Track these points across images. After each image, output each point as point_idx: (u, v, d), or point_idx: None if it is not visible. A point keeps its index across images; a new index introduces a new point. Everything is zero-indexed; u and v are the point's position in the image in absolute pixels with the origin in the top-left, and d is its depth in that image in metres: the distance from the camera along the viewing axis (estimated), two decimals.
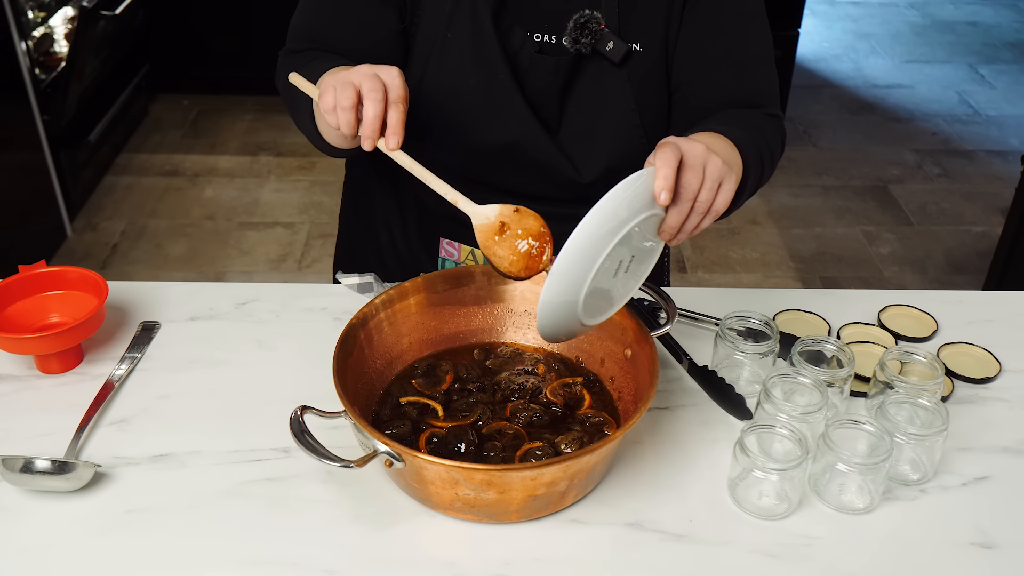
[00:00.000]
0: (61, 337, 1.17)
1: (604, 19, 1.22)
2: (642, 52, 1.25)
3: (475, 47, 1.24)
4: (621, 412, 1.12)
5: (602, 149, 1.29)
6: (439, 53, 1.25)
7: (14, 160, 3.01)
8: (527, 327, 1.23)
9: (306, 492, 1.05)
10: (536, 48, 1.24)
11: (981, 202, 3.73)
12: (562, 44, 1.24)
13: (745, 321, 1.22)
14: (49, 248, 3.20)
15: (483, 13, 1.22)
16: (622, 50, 1.23)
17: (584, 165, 1.29)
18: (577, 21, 1.21)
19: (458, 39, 1.24)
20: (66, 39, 3.28)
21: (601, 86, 1.26)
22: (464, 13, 1.23)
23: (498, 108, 1.25)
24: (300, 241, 3.34)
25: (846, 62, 5.01)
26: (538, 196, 1.31)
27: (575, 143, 1.29)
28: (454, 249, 1.39)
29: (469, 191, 1.29)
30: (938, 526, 1.03)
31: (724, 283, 3.22)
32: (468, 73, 1.25)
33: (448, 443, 1.06)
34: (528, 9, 1.24)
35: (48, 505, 1.02)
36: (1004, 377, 1.25)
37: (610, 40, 1.22)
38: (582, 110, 1.28)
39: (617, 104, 1.27)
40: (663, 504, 1.04)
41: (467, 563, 0.97)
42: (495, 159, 1.29)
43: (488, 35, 1.23)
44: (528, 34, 1.24)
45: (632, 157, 1.28)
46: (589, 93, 1.27)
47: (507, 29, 1.24)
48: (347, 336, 1.09)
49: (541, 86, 1.25)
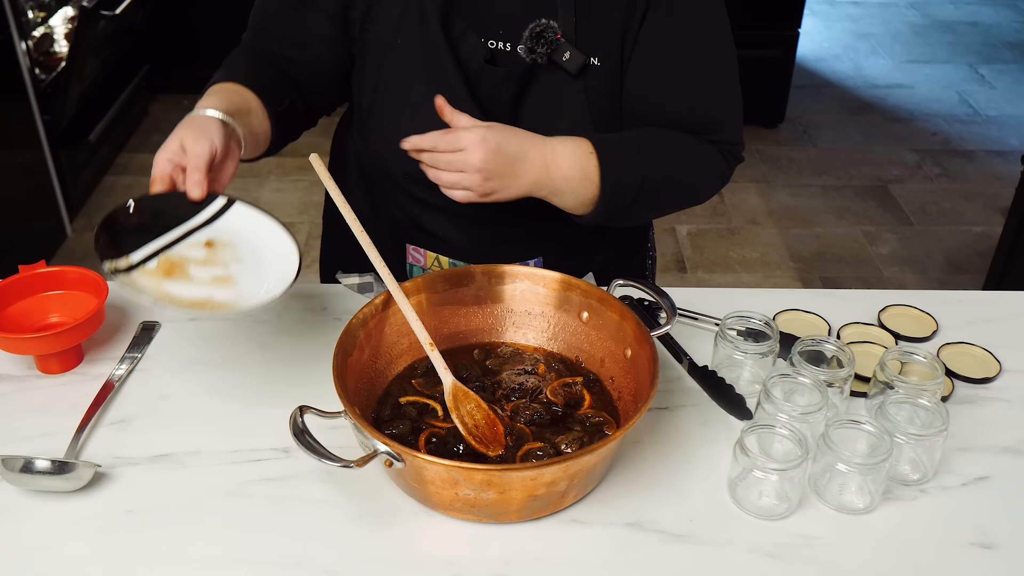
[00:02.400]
0: (61, 337, 1.17)
1: (561, 29, 1.20)
2: (599, 67, 1.23)
3: (425, 53, 1.22)
4: (621, 412, 1.12)
5: None
6: (391, 60, 1.24)
7: (14, 160, 3.01)
8: (527, 327, 1.23)
9: (306, 492, 1.05)
10: (488, 56, 1.22)
11: (981, 202, 3.73)
12: (517, 52, 1.22)
13: (745, 321, 1.22)
14: (49, 248, 3.20)
15: (431, 19, 1.20)
16: (579, 61, 1.20)
17: None
18: (533, 30, 1.19)
19: (408, 46, 1.23)
20: (66, 39, 3.28)
21: (555, 97, 1.24)
22: (413, 19, 1.22)
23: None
24: (300, 241, 3.33)
25: (846, 62, 5.01)
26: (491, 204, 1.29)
27: None
28: (420, 255, 1.37)
29: (429, 197, 1.28)
30: (938, 526, 1.03)
31: (724, 283, 3.22)
32: (418, 79, 1.24)
33: (448, 443, 1.06)
34: (480, 15, 1.22)
35: (48, 505, 1.02)
36: (1004, 377, 1.25)
37: (567, 50, 1.20)
38: (534, 120, 1.24)
39: (571, 116, 1.24)
40: (663, 504, 1.04)
41: (467, 563, 0.97)
42: None
43: (437, 41, 1.21)
44: (482, 40, 1.22)
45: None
46: (543, 103, 1.25)
47: (459, 35, 1.22)
48: (347, 336, 1.09)
49: (491, 95, 1.23)
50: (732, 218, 3.58)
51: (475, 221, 1.33)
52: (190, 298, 1.02)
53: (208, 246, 1.09)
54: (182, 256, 1.07)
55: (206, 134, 1.08)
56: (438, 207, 1.32)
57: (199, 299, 1.03)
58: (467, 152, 1.14)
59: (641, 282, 1.19)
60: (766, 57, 4.00)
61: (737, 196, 3.72)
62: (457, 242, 1.35)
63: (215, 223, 1.11)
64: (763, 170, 3.92)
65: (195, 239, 1.09)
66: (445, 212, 1.32)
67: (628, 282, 1.20)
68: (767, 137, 4.17)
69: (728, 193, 3.73)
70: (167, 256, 1.06)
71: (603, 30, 1.22)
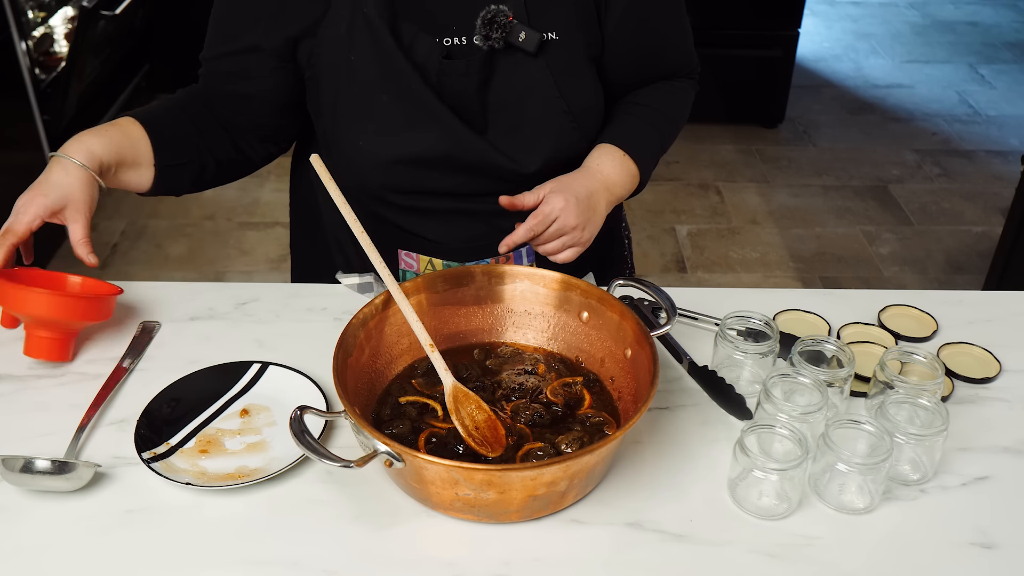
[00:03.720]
0: (92, 306, 1.17)
1: (511, 11, 1.22)
2: (558, 40, 1.25)
3: (380, 64, 1.23)
4: (621, 412, 1.12)
5: (535, 139, 1.29)
6: (346, 78, 1.25)
7: (14, 160, 3.01)
8: (527, 327, 1.23)
9: (306, 492, 1.05)
10: (444, 53, 1.23)
11: (981, 202, 3.73)
12: (473, 44, 1.23)
13: (745, 321, 1.22)
14: (49, 248, 3.20)
15: (380, 29, 1.21)
16: (535, 39, 1.22)
17: (522, 158, 1.29)
18: (484, 17, 1.21)
19: (362, 59, 1.23)
20: (66, 39, 3.28)
21: (520, 78, 1.26)
22: (361, 33, 1.22)
23: (417, 119, 1.24)
24: None
25: (846, 62, 5.01)
26: (479, 193, 1.31)
27: (507, 138, 1.28)
28: (412, 260, 1.37)
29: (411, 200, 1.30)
30: (938, 526, 1.03)
31: (724, 283, 3.22)
32: (379, 91, 1.24)
33: (448, 443, 1.06)
34: (428, 15, 1.23)
35: (48, 505, 1.02)
36: (1004, 377, 1.25)
37: (521, 31, 1.22)
38: (506, 105, 1.27)
39: (540, 93, 1.27)
40: (663, 504, 1.04)
41: (467, 563, 0.97)
42: (429, 168, 1.27)
43: (390, 50, 1.21)
44: (436, 40, 1.23)
45: (565, 144, 1.31)
46: (509, 87, 1.26)
47: (411, 40, 1.23)
48: (347, 336, 1.09)
49: (457, 88, 1.24)
50: (732, 218, 3.58)
51: (463, 220, 1.34)
52: (223, 472, 1.06)
53: (244, 415, 1.15)
54: (218, 430, 1.13)
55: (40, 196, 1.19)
56: (423, 211, 1.33)
57: (231, 472, 1.06)
58: (561, 219, 1.25)
59: (641, 282, 1.19)
60: (766, 57, 4.00)
61: (737, 196, 3.72)
62: (447, 242, 1.35)
63: (250, 391, 1.18)
64: (763, 170, 3.92)
65: (231, 410, 1.16)
66: (431, 215, 1.33)
67: (628, 282, 1.20)
68: (767, 137, 4.17)
69: (728, 193, 3.73)
70: (204, 433, 1.12)
71: (556, 6, 1.25)
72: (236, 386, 1.18)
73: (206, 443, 1.10)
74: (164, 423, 1.12)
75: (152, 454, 1.07)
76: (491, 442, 1.05)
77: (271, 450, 1.09)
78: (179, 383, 1.17)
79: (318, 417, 1.07)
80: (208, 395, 1.17)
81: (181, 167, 1.30)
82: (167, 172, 1.29)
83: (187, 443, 1.10)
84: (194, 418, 1.14)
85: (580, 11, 1.26)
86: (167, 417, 1.13)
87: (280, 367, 1.20)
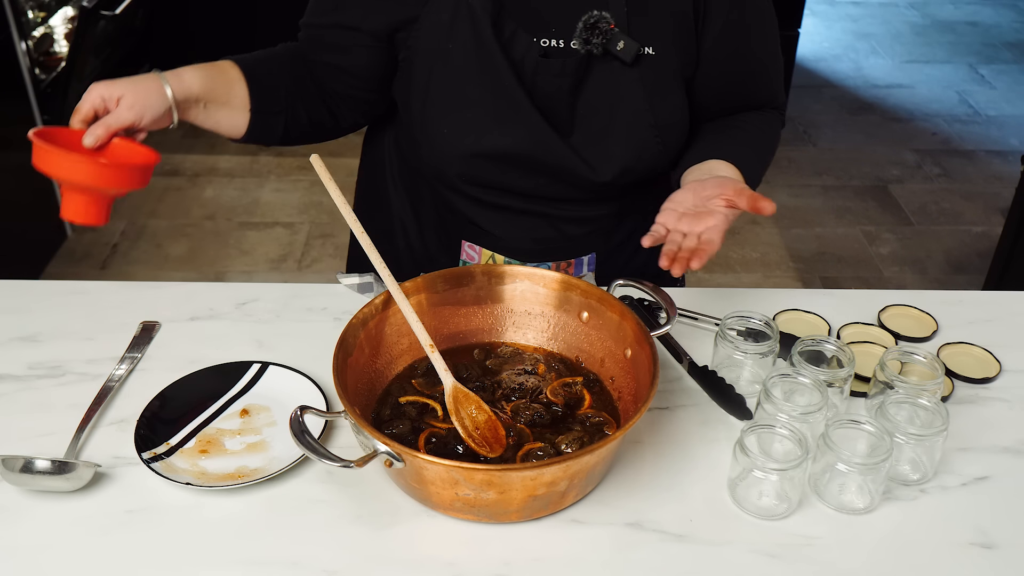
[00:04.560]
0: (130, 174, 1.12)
1: (613, 19, 1.22)
2: (653, 55, 1.26)
3: (477, 56, 1.24)
4: (621, 412, 1.12)
5: (616, 149, 1.29)
6: (442, 65, 1.26)
7: (14, 160, 3.01)
8: (527, 327, 1.23)
9: (306, 492, 1.05)
10: (541, 53, 1.24)
11: (981, 202, 3.73)
12: (570, 47, 1.24)
13: (745, 321, 1.22)
14: (49, 248, 3.20)
15: (482, 22, 1.22)
16: (633, 50, 1.23)
17: (599, 165, 1.29)
18: (587, 21, 1.22)
19: (460, 49, 1.24)
20: (66, 39, 3.28)
21: (612, 86, 1.26)
22: (463, 23, 1.23)
23: (506, 115, 1.25)
24: (300, 241, 3.34)
25: (846, 62, 5.01)
26: (551, 196, 1.33)
27: (589, 144, 1.29)
28: (475, 253, 1.40)
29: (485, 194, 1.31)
30: (938, 526, 1.03)
31: (724, 283, 3.22)
32: (472, 83, 1.25)
33: (448, 443, 1.06)
34: (531, 14, 1.24)
35: (48, 505, 1.02)
36: (1004, 377, 1.25)
37: (620, 39, 1.22)
38: (595, 111, 1.28)
39: (630, 104, 1.27)
40: (663, 504, 1.04)
41: (467, 563, 0.97)
42: (509, 165, 1.29)
43: (489, 43, 1.23)
44: (534, 40, 1.24)
45: (647, 157, 1.31)
46: (600, 94, 1.27)
47: (510, 36, 1.24)
48: (347, 336, 1.09)
49: (549, 90, 1.25)
50: None
51: (532, 220, 1.36)
52: (223, 472, 1.06)
53: (244, 415, 1.15)
54: (218, 430, 1.13)
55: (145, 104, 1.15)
56: (495, 206, 1.35)
57: (231, 472, 1.06)
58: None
59: (641, 282, 1.19)
60: None
61: None
62: (513, 240, 1.37)
63: (250, 391, 1.18)
64: None
65: (231, 410, 1.15)
66: (502, 211, 1.35)
67: (628, 282, 1.20)
68: None
69: None
70: (204, 433, 1.12)
71: (656, 21, 1.25)
72: (236, 386, 1.18)
73: (206, 443, 1.10)
74: (164, 423, 1.12)
75: (152, 454, 1.07)
76: (491, 442, 1.05)
77: (271, 450, 1.09)
78: (179, 383, 1.17)
79: (318, 417, 1.07)
80: (208, 395, 1.17)
81: (275, 115, 1.31)
82: (261, 118, 1.29)
83: (187, 443, 1.10)
84: (194, 418, 1.14)
85: (679, 29, 1.27)
86: (167, 417, 1.13)
87: (280, 367, 1.20)
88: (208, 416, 1.14)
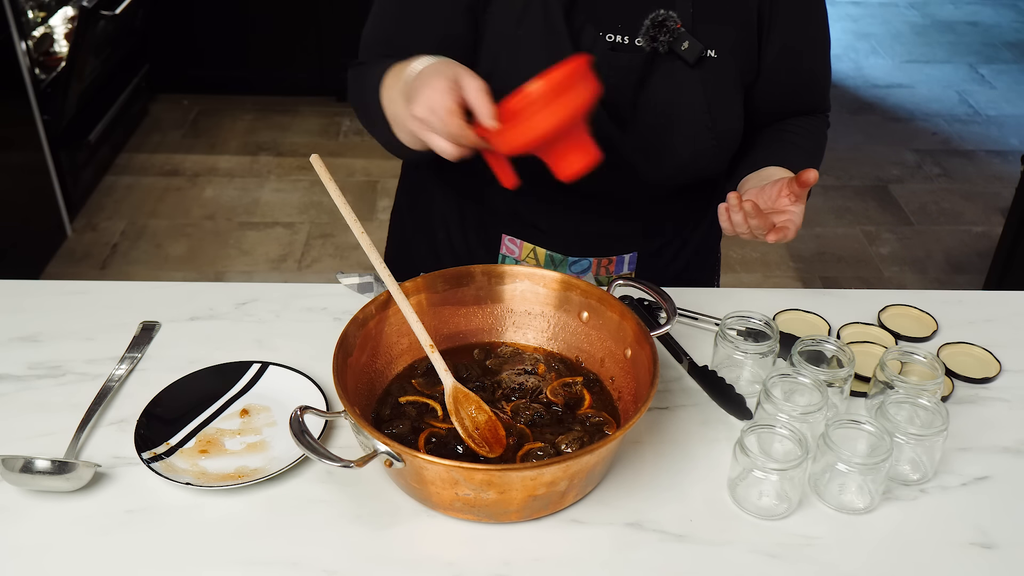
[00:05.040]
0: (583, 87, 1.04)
1: (679, 19, 1.24)
2: (716, 59, 1.27)
3: (547, 45, 1.24)
4: (621, 412, 1.12)
5: (673, 148, 1.30)
6: (509, 51, 1.26)
7: (14, 160, 3.01)
8: (527, 327, 1.23)
9: (306, 492, 1.05)
10: (609, 47, 1.25)
11: (981, 202, 3.73)
12: (635, 44, 1.25)
13: (745, 321, 1.22)
14: (49, 248, 3.20)
15: (555, 12, 1.23)
16: (697, 50, 1.24)
17: (655, 163, 1.31)
18: (654, 19, 1.23)
19: (529, 37, 1.25)
20: (66, 39, 3.28)
21: (674, 86, 1.28)
22: (536, 12, 1.24)
23: None
24: (300, 241, 3.34)
25: (846, 62, 5.01)
26: (601, 192, 1.32)
27: (647, 140, 1.30)
28: (515, 246, 1.41)
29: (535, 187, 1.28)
30: (938, 526, 1.03)
31: (724, 283, 3.20)
32: (538, 72, 1.24)
33: (448, 443, 1.06)
34: (601, 9, 1.25)
35: (48, 505, 1.02)
36: (1004, 377, 1.25)
37: (686, 40, 1.24)
38: (655, 108, 1.28)
39: (689, 105, 1.28)
40: (663, 504, 1.04)
41: (467, 563, 0.97)
42: None
43: (560, 33, 1.23)
44: (600, 34, 1.25)
45: (702, 158, 1.32)
46: (662, 92, 1.28)
47: (579, 28, 1.25)
48: (347, 336, 1.09)
49: (614, 83, 1.25)
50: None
51: (578, 215, 1.37)
52: (223, 472, 1.06)
53: (244, 415, 1.15)
54: (218, 430, 1.13)
55: (463, 70, 1.06)
56: (543, 198, 1.35)
57: (231, 472, 1.06)
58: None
59: (641, 282, 1.19)
60: None
61: None
62: (558, 234, 1.38)
63: (250, 391, 1.18)
64: None
65: (231, 410, 1.15)
66: (550, 204, 1.36)
67: (628, 282, 1.20)
68: None
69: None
70: (204, 433, 1.12)
71: (720, 28, 1.27)
72: (236, 386, 1.18)
73: (206, 443, 1.10)
74: (164, 423, 1.12)
75: (152, 454, 1.07)
76: (491, 443, 1.05)
77: (271, 450, 1.09)
78: (179, 383, 1.17)
79: (318, 417, 1.07)
80: (208, 395, 1.17)
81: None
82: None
83: (187, 443, 1.10)
84: (194, 418, 1.14)
85: (742, 36, 1.28)
86: (167, 417, 1.13)
87: (280, 367, 1.20)
88: (208, 416, 1.14)
